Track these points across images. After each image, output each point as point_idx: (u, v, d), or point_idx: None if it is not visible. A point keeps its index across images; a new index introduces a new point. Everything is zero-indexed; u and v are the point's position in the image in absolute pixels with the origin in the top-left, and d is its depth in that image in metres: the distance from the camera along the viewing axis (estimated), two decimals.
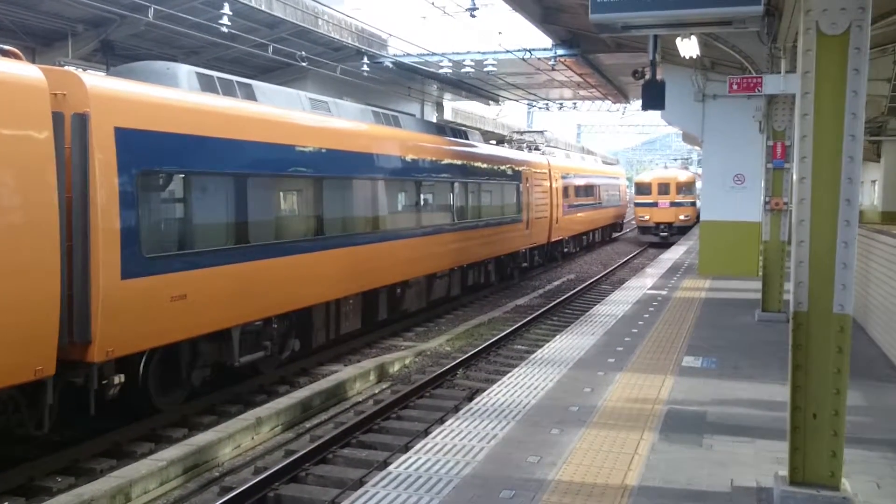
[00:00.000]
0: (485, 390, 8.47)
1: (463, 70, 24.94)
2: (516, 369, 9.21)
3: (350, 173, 14.35)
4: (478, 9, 20.32)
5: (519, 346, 15.56)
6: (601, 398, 7.99)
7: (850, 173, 5.06)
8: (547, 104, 38.18)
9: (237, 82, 12.05)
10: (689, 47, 13.31)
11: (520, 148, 30.87)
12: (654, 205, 37.89)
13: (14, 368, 7.74)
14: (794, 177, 5.32)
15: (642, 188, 39.01)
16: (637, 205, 39.22)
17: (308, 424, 11.06)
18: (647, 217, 38.27)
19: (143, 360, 10.05)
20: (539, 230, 26.85)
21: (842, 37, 5.03)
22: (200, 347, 10.87)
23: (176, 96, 10.34)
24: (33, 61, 9.92)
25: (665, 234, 37.30)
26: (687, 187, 38.22)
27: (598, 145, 78.77)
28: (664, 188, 38.00)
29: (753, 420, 7.30)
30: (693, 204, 37.74)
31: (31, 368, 7.90)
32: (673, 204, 37.79)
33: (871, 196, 31.80)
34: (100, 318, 8.68)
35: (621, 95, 34.03)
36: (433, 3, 19.44)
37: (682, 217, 37.79)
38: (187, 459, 8.96)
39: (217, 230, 10.99)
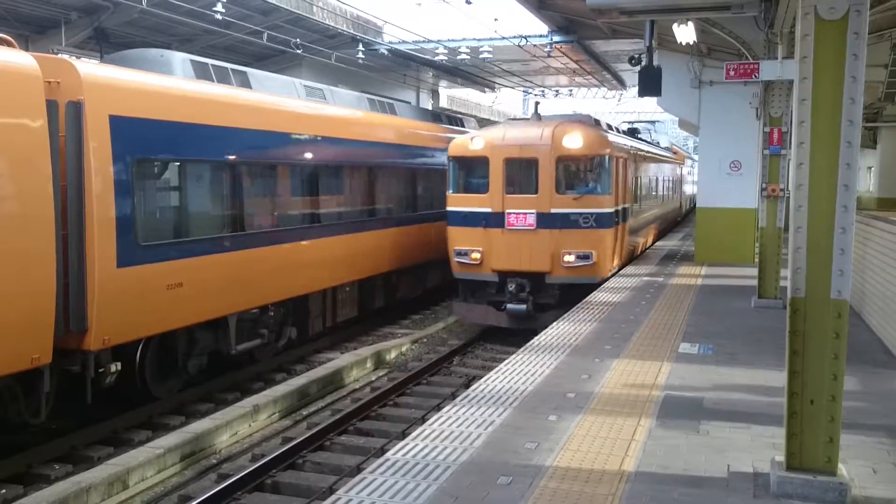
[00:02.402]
0: (482, 377, 8.47)
1: (459, 57, 24.83)
2: (513, 356, 9.21)
3: (345, 161, 14.31)
4: None
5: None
6: (598, 384, 8.00)
7: (848, 158, 5.04)
8: (543, 91, 38.01)
9: (232, 70, 11.99)
10: (685, 33, 13.26)
11: None
12: (496, 221, 14.57)
13: (11, 357, 7.73)
14: (792, 162, 5.31)
15: (469, 172, 15.25)
16: (452, 218, 15.13)
17: (305, 412, 11.08)
18: (474, 254, 14.72)
19: (140, 348, 10.04)
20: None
21: (840, 21, 5.00)
22: (197, 335, 10.86)
23: (170, 84, 10.29)
24: (26, 49, 9.85)
25: (522, 305, 14.34)
26: (592, 169, 14.86)
27: None
28: (521, 176, 14.74)
29: (750, 406, 7.31)
30: (617, 219, 15.18)
31: (28, 357, 7.89)
32: (545, 220, 14.34)
33: (866, 182, 31.83)
34: (96, 306, 8.66)
35: (617, 82, 33.90)
36: None
37: (569, 257, 14.29)
38: (185, 447, 8.97)
39: (213, 218, 10.96)
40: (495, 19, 26.88)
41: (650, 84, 13.64)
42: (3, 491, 8.10)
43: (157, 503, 8.19)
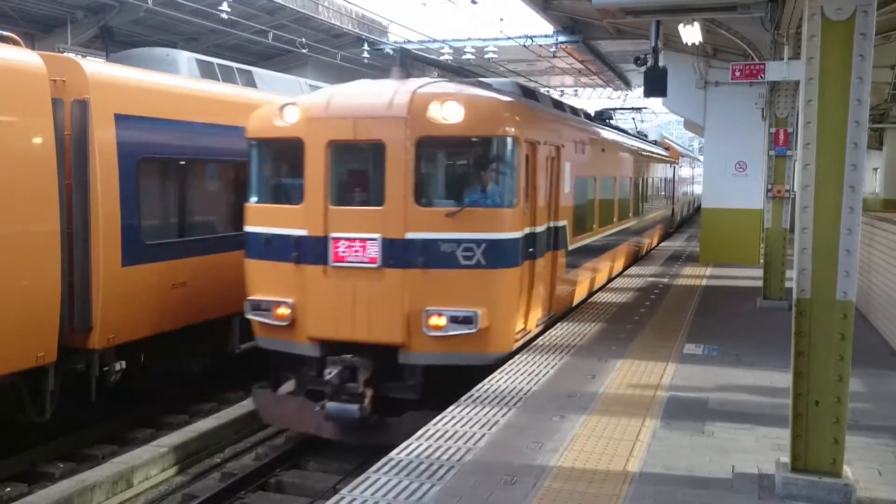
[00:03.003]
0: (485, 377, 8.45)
1: (464, 57, 24.85)
2: (517, 356, 9.19)
3: None
4: None
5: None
6: (602, 385, 7.98)
7: (855, 160, 5.03)
8: (548, 91, 37.99)
9: (237, 69, 12.00)
10: (691, 34, 13.24)
11: None
12: (315, 252, 8.28)
13: (15, 355, 7.74)
14: (798, 164, 5.29)
15: (279, 165, 9.25)
16: (251, 244, 8.87)
17: None
18: (281, 309, 8.44)
19: (144, 347, 10.04)
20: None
21: (847, 22, 4.98)
22: (201, 335, 10.86)
23: (176, 83, 10.30)
24: (33, 48, 9.87)
25: (353, 404, 7.99)
26: (482, 162, 8.48)
27: None
28: (357, 173, 8.69)
29: (755, 407, 7.29)
30: (532, 249, 8.98)
31: (33, 355, 7.90)
32: (397, 253, 8.05)
33: (872, 184, 31.75)
34: (100, 305, 8.67)
35: (623, 83, 33.88)
36: None
37: (437, 320, 7.95)
38: (188, 446, 8.98)
39: (218, 217, 10.96)
40: (501, 19, 26.92)
41: (656, 84, 13.62)
42: (8, 489, 8.12)
43: (161, 502, 8.20)
